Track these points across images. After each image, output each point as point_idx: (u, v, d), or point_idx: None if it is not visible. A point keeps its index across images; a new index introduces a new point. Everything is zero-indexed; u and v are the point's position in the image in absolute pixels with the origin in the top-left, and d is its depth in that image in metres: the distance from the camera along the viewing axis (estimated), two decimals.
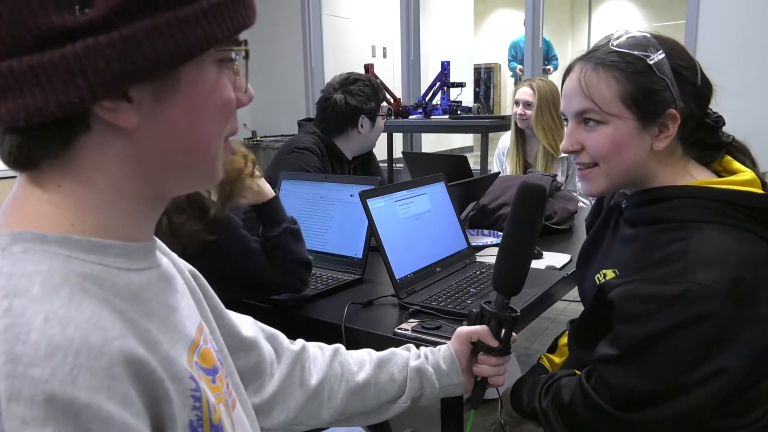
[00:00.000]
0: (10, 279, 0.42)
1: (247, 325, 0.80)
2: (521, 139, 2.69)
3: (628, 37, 0.93)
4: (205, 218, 1.07)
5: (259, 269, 1.18)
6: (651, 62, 0.90)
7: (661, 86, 0.90)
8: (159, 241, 0.59)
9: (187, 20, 0.45)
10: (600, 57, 0.93)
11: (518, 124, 2.64)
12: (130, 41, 0.43)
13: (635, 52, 0.91)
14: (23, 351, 0.38)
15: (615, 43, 0.93)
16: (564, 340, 1.26)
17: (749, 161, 0.98)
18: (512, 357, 2.38)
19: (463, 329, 0.91)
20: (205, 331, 0.60)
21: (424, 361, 0.90)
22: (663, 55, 0.90)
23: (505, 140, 2.81)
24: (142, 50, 0.43)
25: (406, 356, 0.90)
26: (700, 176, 0.94)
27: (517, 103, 2.61)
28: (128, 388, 0.42)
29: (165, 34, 0.44)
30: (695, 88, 0.92)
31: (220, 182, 1.05)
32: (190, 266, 0.70)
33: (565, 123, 1.01)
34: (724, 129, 0.98)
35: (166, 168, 0.51)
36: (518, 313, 0.89)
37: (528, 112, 2.57)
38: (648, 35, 0.94)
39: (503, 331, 0.88)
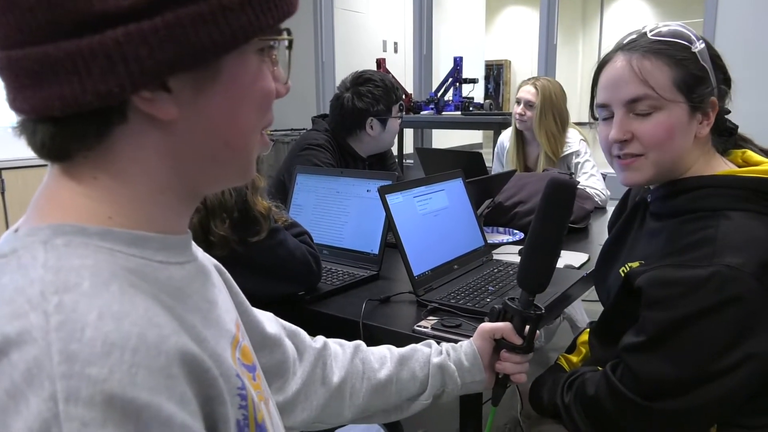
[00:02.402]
0: (57, 274, 0.40)
1: (270, 322, 0.79)
2: (521, 141, 2.58)
3: (667, 28, 0.94)
4: (241, 232, 1.09)
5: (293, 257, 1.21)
6: (695, 50, 0.91)
7: (704, 74, 0.92)
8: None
9: (232, 8, 0.43)
10: (645, 45, 0.93)
11: (517, 126, 2.53)
12: (173, 28, 0.41)
13: (680, 41, 0.92)
14: (79, 349, 0.36)
15: (653, 33, 0.93)
16: (582, 338, 1.25)
17: (758, 149, 1.00)
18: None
19: (487, 326, 0.90)
20: (241, 327, 0.59)
21: (446, 357, 0.88)
22: (704, 45, 0.93)
23: (503, 139, 2.72)
24: (186, 38, 0.41)
25: (428, 353, 0.89)
26: (725, 167, 0.95)
27: (518, 101, 2.49)
28: (185, 387, 0.40)
29: (209, 22, 0.42)
30: (725, 77, 0.96)
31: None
32: (214, 260, 0.68)
33: (594, 116, 1.00)
34: (743, 126, 1.02)
35: (203, 161, 0.49)
36: (543, 311, 0.87)
37: (528, 113, 2.45)
38: (684, 27, 0.95)
39: (527, 328, 0.87)
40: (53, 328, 0.37)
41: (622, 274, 0.98)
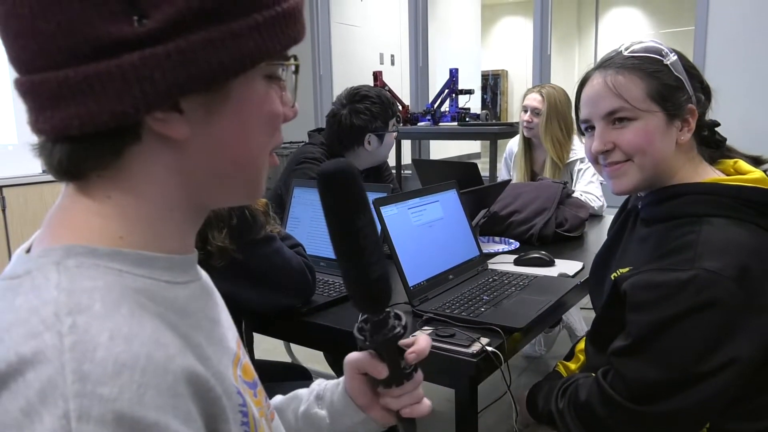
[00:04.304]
0: (71, 295, 0.41)
1: None
2: (528, 147, 2.62)
3: (640, 45, 0.99)
4: (240, 239, 1.10)
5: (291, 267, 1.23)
6: (667, 62, 0.96)
7: (679, 84, 0.96)
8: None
9: (241, 33, 0.45)
10: (619, 62, 0.98)
11: (525, 133, 2.57)
12: (185, 53, 0.43)
13: (652, 55, 0.97)
14: (91, 369, 0.38)
15: (628, 51, 0.99)
16: (580, 346, 1.27)
17: (744, 157, 1.03)
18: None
19: (349, 359, 0.69)
20: (242, 345, 0.60)
21: (313, 403, 0.74)
22: (676, 57, 0.98)
23: (512, 145, 2.76)
24: (197, 62, 0.44)
25: (300, 399, 0.76)
26: (713, 174, 0.98)
27: (525, 109, 2.53)
28: (191, 405, 0.41)
29: (219, 47, 0.44)
30: (702, 86, 1.00)
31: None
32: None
33: (582, 131, 1.04)
34: (734, 132, 1.07)
35: (213, 180, 0.50)
36: (399, 330, 0.62)
37: (535, 119, 2.49)
38: (657, 42, 0.99)
39: (389, 356, 0.64)
40: (67, 349, 0.38)
41: (613, 280, 1.00)
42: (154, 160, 0.47)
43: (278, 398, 0.76)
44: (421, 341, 0.65)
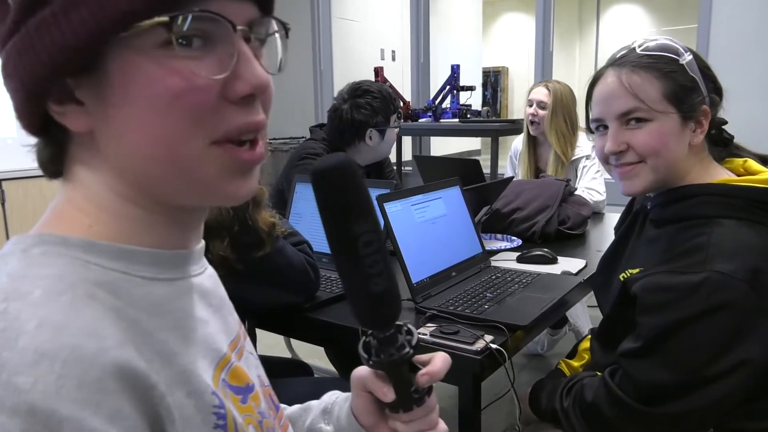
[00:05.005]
0: (13, 281, 0.40)
1: None
2: (533, 144, 2.62)
3: (654, 43, 0.97)
4: (241, 250, 1.09)
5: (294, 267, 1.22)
6: (683, 62, 0.94)
7: (694, 84, 0.94)
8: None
9: (74, 3, 0.40)
10: (633, 61, 0.96)
11: (530, 131, 2.56)
12: (24, 39, 0.42)
13: (667, 54, 0.95)
14: (9, 357, 0.36)
15: (642, 48, 0.97)
16: (584, 345, 1.26)
17: (756, 156, 1.02)
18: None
19: (355, 374, 0.63)
20: (239, 349, 0.57)
21: (320, 417, 0.71)
22: (691, 56, 0.95)
23: (517, 143, 2.76)
24: (35, 46, 0.41)
25: (310, 411, 0.73)
26: (723, 174, 0.97)
27: (530, 103, 2.52)
28: (121, 403, 0.38)
29: (55, 24, 0.40)
30: (715, 86, 0.98)
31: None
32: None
33: (592, 130, 1.03)
34: (737, 132, 1.04)
35: (146, 176, 0.45)
36: (408, 351, 0.54)
37: (541, 112, 2.47)
38: (671, 40, 0.97)
39: (396, 378, 0.58)
40: None
41: (622, 280, 0.99)
42: (82, 153, 0.47)
43: (293, 408, 0.73)
44: (437, 361, 0.58)
